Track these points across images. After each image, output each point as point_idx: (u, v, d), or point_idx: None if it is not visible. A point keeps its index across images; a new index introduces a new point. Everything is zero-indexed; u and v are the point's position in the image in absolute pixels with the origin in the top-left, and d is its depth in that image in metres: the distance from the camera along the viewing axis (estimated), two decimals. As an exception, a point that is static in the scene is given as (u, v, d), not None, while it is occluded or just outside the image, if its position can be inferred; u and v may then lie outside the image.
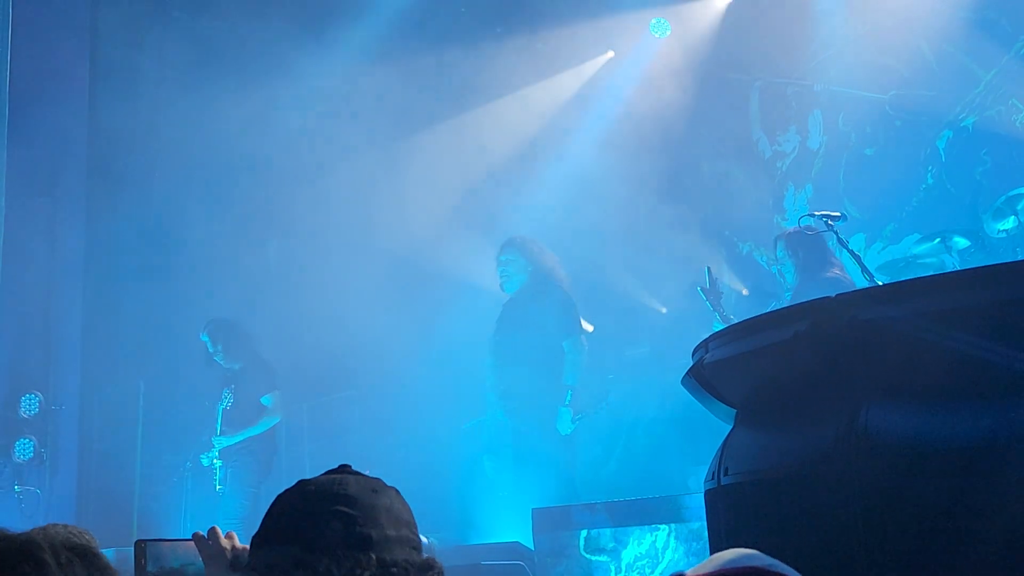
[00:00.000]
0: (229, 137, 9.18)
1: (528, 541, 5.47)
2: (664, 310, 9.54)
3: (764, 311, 5.48)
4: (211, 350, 8.01)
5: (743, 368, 2.29)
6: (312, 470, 7.68)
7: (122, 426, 9.36)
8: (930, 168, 8.85)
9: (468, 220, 9.19)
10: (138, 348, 9.36)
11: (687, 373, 2.55)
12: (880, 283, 4.45)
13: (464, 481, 7.34)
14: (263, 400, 7.87)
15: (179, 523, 8.75)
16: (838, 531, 1.88)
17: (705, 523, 4.36)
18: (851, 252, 4.61)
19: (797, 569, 1.40)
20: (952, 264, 7.30)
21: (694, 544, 4.31)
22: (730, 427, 2.48)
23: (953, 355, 1.80)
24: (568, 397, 6.67)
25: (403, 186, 9.38)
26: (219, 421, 7.81)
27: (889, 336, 1.89)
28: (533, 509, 5.09)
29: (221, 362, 8.00)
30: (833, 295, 2.03)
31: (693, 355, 2.54)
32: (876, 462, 1.81)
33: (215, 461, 7.82)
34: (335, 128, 9.56)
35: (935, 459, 1.71)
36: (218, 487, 7.84)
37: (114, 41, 9.43)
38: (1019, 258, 7.05)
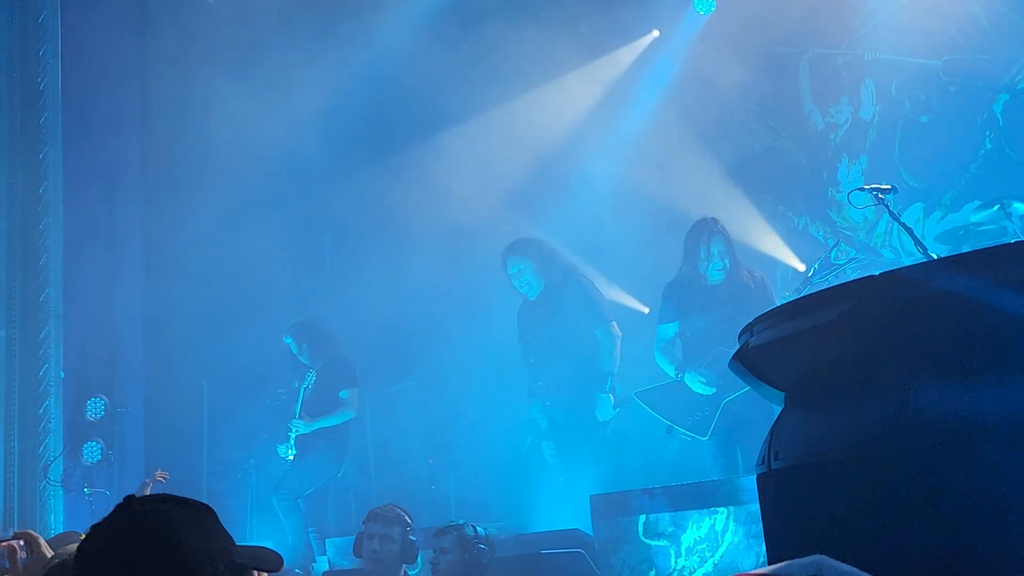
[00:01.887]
0: (280, 135, 9.27)
1: (588, 528, 5.46)
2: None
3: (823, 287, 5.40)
4: (295, 351, 8.22)
5: (788, 351, 2.25)
6: (376, 461, 7.79)
7: (187, 426, 9.53)
8: (988, 133, 8.68)
9: (518, 205, 9.18)
10: (200, 348, 9.51)
11: (734, 357, 2.52)
12: (934, 256, 4.37)
13: (524, 470, 7.35)
14: (341, 394, 8.06)
15: (245, 520, 8.87)
16: (890, 514, 1.85)
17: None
18: (903, 225, 4.53)
19: (850, 553, 1.38)
20: (1013, 230, 7.14)
21: (753, 526, 4.27)
22: (780, 409, 2.45)
23: (1004, 327, 1.75)
24: (608, 383, 6.64)
25: (451, 175, 9.39)
26: (299, 405, 7.96)
27: (936, 313, 1.84)
28: (591, 496, 5.08)
29: (306, 362, 8.20)
30: (877, 273, 2.00)
31: (739, 338, 2.50)
32: (927, 442, 1.77)
33: (291, 432, 7.96)
34: (381, 120, 9.58)
35: (991, 437, 1.67)
36: (291, 454, 7.95)
37: (164, 43, 9.53)
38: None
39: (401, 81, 9.59)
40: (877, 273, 2.00)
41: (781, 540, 2.21)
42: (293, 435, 7.96)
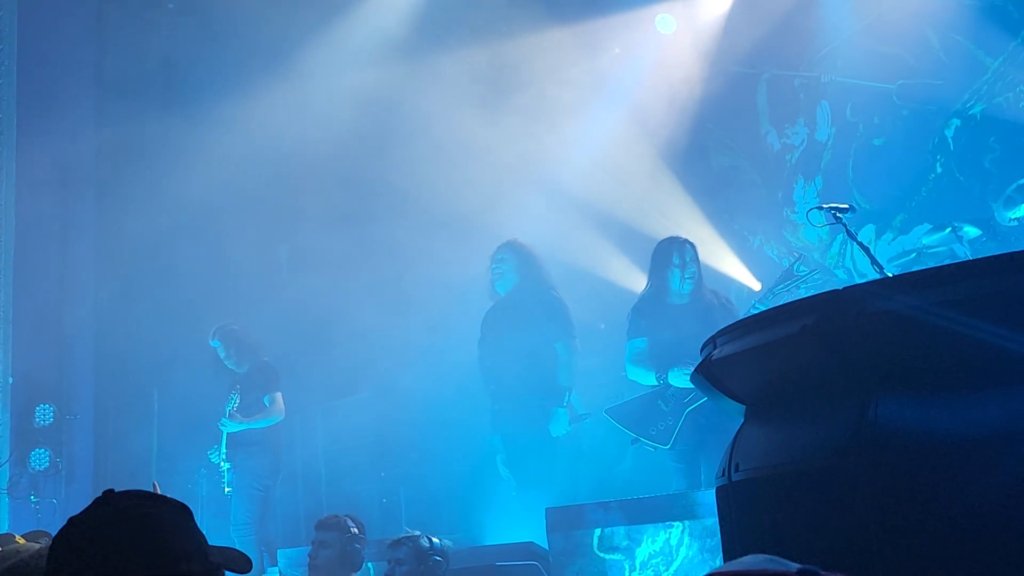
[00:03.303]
0: (236, 144, 9.19)
1: (542, 541, 5.46)
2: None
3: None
4: (222, 355, 8.12)
5: (752, 363, 2.27)
6: (327, 475, 7.73)
7: (136, 434, 9.40)
8: (939, 157, 8.81)
9: (473, 225, 9.16)
10: (151, 356, 9.39)
11: (696, 370, 2.53)
12: (889, 276, 4.42)
13: (477, 482, 7.33)
14: (264, 399, 7.99)
15: (195, 530, 8.74)
16: (851, 527, 1.87)
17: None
18: (860, 244, 4.58)
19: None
20: (963, 253, 7.26)
21: (708, 541, 4.29)
22: (740, 423, 2.46)
23: (965, 344, 1.78)
24: (566, 398, 6.63)
25: (411, 189, 9.38)
26: (228, 407, 7.90)
27: (898, 327, 1.87)
28: (546, 508, 5.08)
29: (231, 366, 8.10)
30: (841, 288, 2.02)
31: (701, 351, 2.52)
32: (888, 455, 1.79)
33: (223, 463, 7.89)
34: (338, 133, 9.53)
35: (950, 451, 1.70)
36: (227, 490, 7.90)
37: (121, 44, 9.44)
38: (1031, 246, 7.01)
39: (363, 97, 9.56)
40: (841, 288, 2.02)
41: (740, 553, 2.22)
42: (224, 435, 7.89)
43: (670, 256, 6.35)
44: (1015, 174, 7.58)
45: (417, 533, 4.87)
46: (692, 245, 6.41)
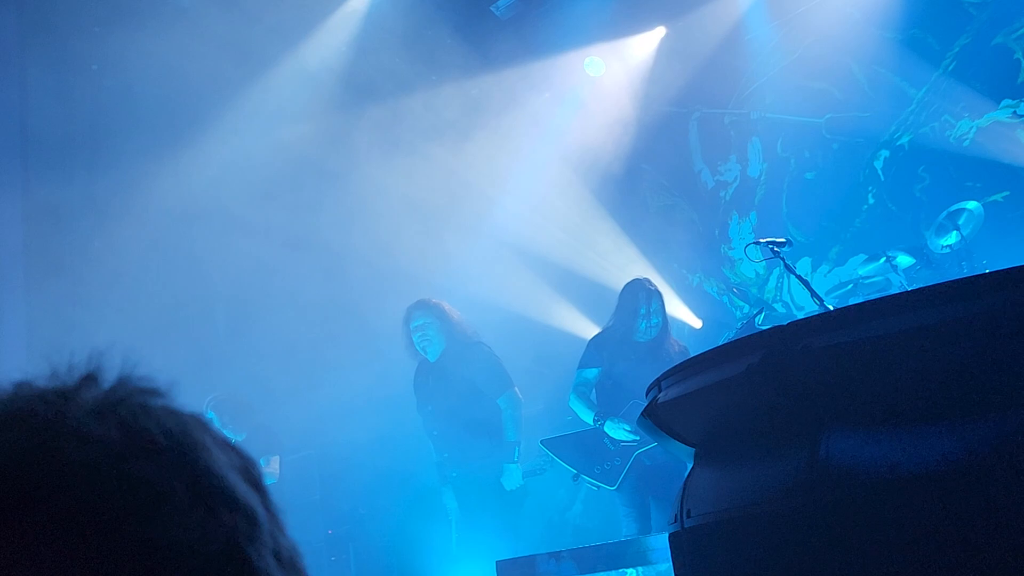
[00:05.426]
0: (164, 200, 9.04)
1: (495, 594, 5.35)
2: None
3: (718, 342, 5.43)
4: (219, 425, 8.00)
5: (698, 405, 2.21)
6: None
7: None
8: (870, 188, 8.93)
9: (404, 272, 9.09)
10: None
11: (642, 414, 2.47)
12: (830, 308, 4.42)
13: (427, 536, 7.19)
14: (261, 461, 7.83)
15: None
16: (805, 569, 1.81)
17: (672, 565, 4.29)
18: (799, 278, 4.58)
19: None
20: (898, 282, 7.33)
21: (663, 586, 4.23)
22: (691, 465, 2.41)
23: (916, 376, 1.74)
24: (516, 453, 6.51)
25: (343, 238, 9.29)
26: None
27: (846, 361, 1.82)
28: (497, 561, 4.97)
29: (230, 434, 7.97)
30: (786, 324, 1.97)
31: (647, 395, 2.46)
32: (841, 493, 1.74)
33: None
34: (272, 183, 9.43)
35: (906, 487, 1.65)
36: None
37: (46, 109, 9.25)
38: (964, 273, 7.09)
39: (289, 142, 9.48)
40: (786, 323, 1.98)
41: (696, 600, 2.16)
42: None
43: (637, 306, 6.30)
44: (945, 202, 7.70)
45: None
46: (659, 296, 6.37)
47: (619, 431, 6.01)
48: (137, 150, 8.93)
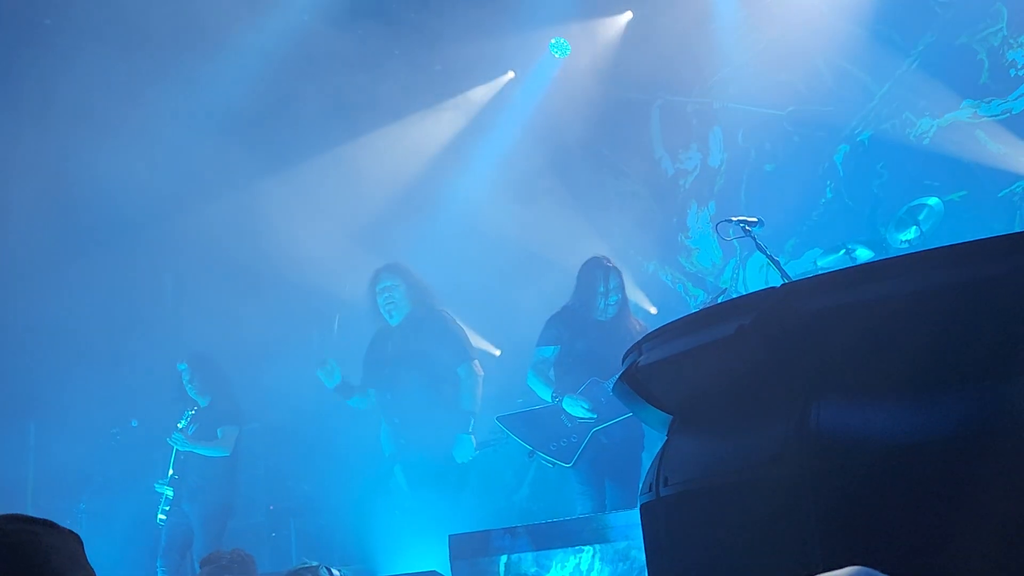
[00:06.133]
0: (119, 166, 8.84)
1: (446, 570, 5.27)
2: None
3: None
4: (185, 380, 7.82)
5: (682, 368, 2.14)
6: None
7: (9, 471, 8.93)
8: (829, 182, 8.95)
9: (364, 246, 8.97)
10: (27, 387, 8.96)
11: (619, 378, 2.40)
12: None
13: (375, 511, 7.09)
14: (217, 431, 7.71)
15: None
16: (792, 539, 1.75)
17: (630, 543, 4.24)
18: (770, 257, 4.55)
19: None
20: (857, 275, 7.33)
21: (620, 565, 4.17)
22: (664, 436, 2.34)
23: (913, 342, 1.69)
24: (470, 424, 6.45)
25: (299, 212, 9.14)
26: (184, 421, 7.59)
27: (840, 326, 1.76)
28: (450, 535, 4.90)
29: (193, 395, 7.81)
30: (780, 284, 1.91)
31: (624, 359, 2.39)
32: (830, 462, 1.68)
33: (165, 489, 7.59)
34: (220, 152, 9.24)
35: (898, 458, 1.59)
36: (160, 517, 7.58)
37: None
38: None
39: (247, 114, 9.30)
40: (780, 284, 1.92)
41: (668, 571, 2.10)
42: (173, 452, 7.57)
43: (595, 284, 6.24)
44: (903, 198, 7.73)
45: (315, 563, 4.64)
46: (618, 273, 6.31)
47: (577, 408, 5.95)
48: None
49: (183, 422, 7.65)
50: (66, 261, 9.02)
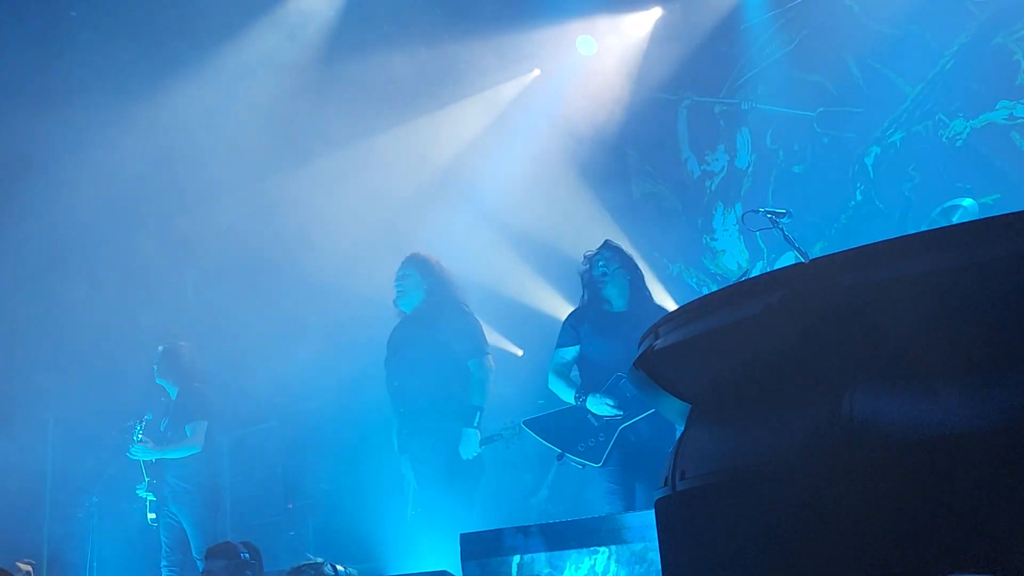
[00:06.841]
0: (144, 158, 8.81)
1: (456, 570, 5.15)
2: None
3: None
4: (155, 368, 7.77)
5: (703, 352, 1.98)
6: (233, 505, 7.36)
7: (29, 463, 8.91)
8: (859, 185, 8.78)
9: (386, 242, 8.87)
10: (48, 379, 8.93)
11: (634, 364, 2.25)
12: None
13: (388, 509, 6.98)
14: (186, 428, 7.62)
15: (85, 564, 8.29)
16: (822, 537, 1.61)
17: (647, 544, 4.09)
18: (798, 249, 4.41)
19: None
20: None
21: (636, 567, 4.03)
22: (681, 427, 2.19)
23: (961, 324, 1.54)
24: (476, 418, 6.33)
25: (325, 207, 9.06)
26: (137, 434, 7.50)
27: (879, 305, 1.61)
28: (461, 535, 4.77)
29: (161, 382, 7.77)
30: (811, 259, 1.76)
31: (640, 344, 2.25)
32: (865, 455, 1.54)
33: (147, 494, 7.54)
34: (251, 147, 9.19)
35: (941, 449, 1.44)
36: (150, 516, 7.53)
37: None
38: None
39: (276, 107, 9.23)
40: (811, 258, 1.78)
41: (685, 570, 1.95)
42: (143, 465, 7.51)
43: (593, 271, 6.13)
44: (934, 201, 7.56)
45: (320, 560, 4.53)
46: (611, 247, 6.18)
47: (602, 406, 5.81)
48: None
49: (137, 435, 7.54)
50: (91, 252, 9.00)
